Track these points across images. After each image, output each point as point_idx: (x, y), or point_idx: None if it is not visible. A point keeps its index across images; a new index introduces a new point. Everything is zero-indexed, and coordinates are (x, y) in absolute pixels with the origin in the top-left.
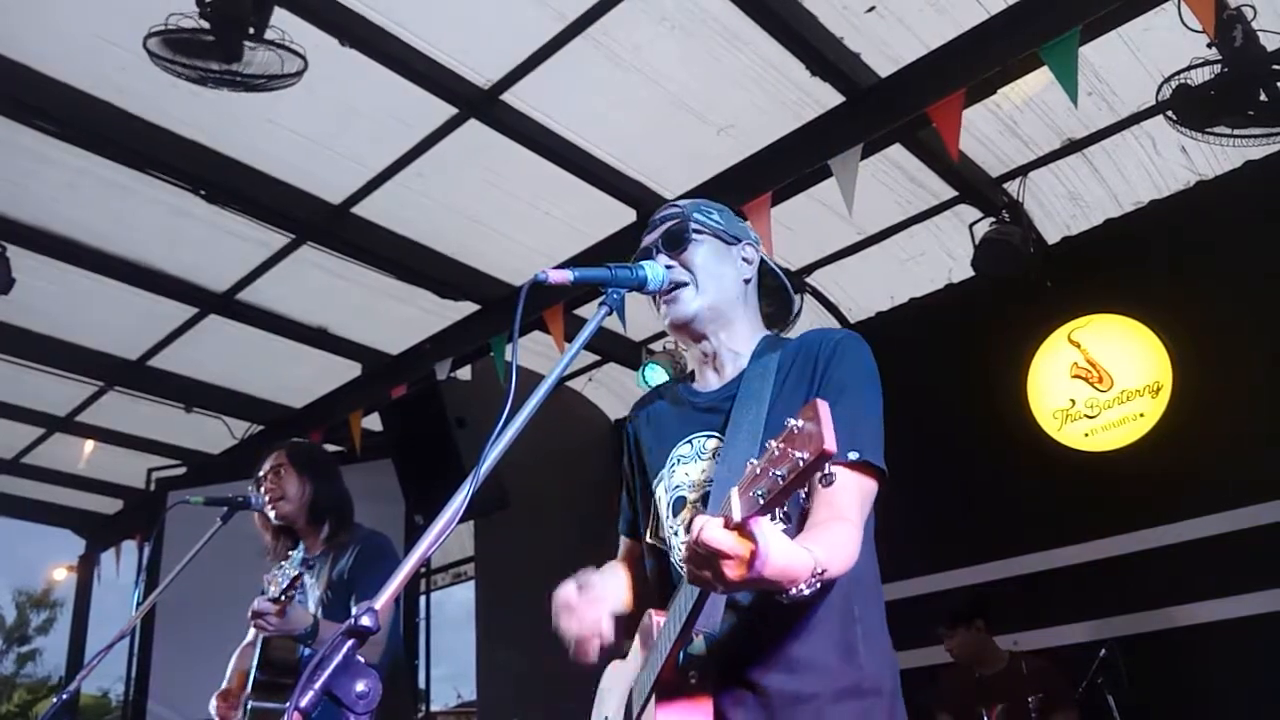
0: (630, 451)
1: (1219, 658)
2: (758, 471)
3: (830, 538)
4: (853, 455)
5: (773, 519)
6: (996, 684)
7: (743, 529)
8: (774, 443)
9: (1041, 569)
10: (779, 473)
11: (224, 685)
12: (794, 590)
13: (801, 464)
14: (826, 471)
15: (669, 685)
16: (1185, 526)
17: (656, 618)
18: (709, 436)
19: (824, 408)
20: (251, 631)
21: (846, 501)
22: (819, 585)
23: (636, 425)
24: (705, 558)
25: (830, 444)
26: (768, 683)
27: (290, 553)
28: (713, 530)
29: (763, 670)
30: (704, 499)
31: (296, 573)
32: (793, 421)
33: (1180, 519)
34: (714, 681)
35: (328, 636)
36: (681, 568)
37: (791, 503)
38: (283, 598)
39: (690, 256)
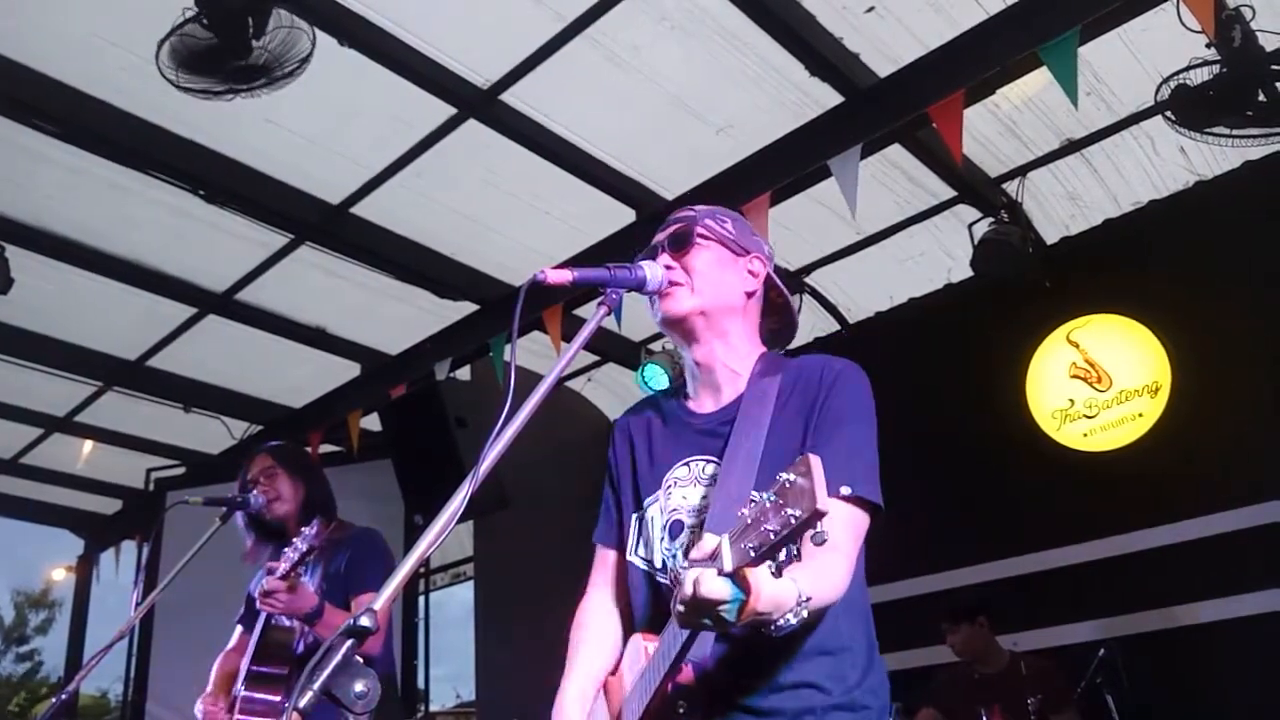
0: (617, 463)
1: (1218, 658)
2: (749, 522)
3: (817, 567)
4: (845, 490)
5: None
6: (996, 684)
7: (734, 576)
8: (765, 495)
9: (1040, 569)
10: (770, 528)
11: (209, 689)
12: (781, 621)
13: (794, 522)
14: (818, 529)
15: (657, 715)
16: (1184, 526)
17: (645, 643)
18: (707, 461)
19: (816, 464)
20: (235, 636)
21: (838, 532)
22: (805, 614)
23: (629, 437)
24: (702, 608)
25: (823, 504)
26: (764, 704)
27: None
28: (710, 584)
29: (756, 694)
30: (702, 525)
31: (307, 547)
32: (784, 476)
33: (1179, 519)
34: (704, 710)
35: (332, 622)
36: (673, 592)
37: None
38: (291, 574)
39: (692, 259)
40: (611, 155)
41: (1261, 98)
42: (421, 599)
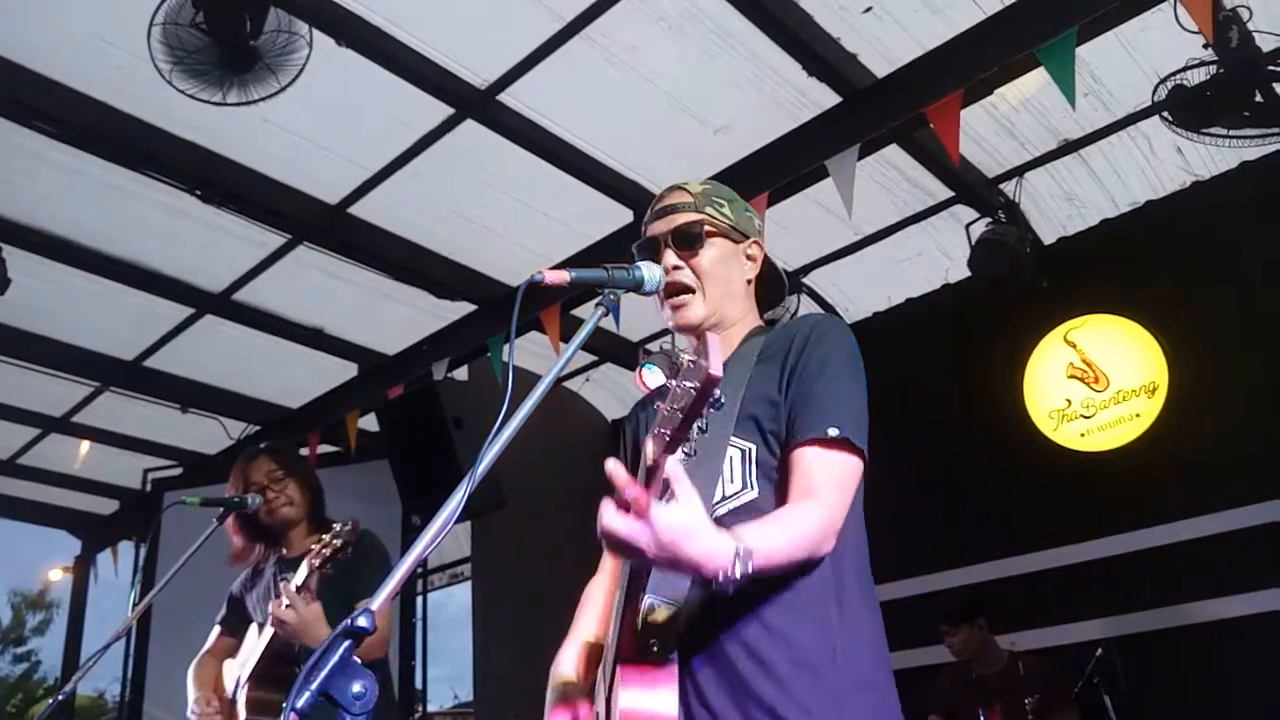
0: (626, 450)
1: (1215, 657)
2: (664, 413)
3: (776, 524)
4: (832, 432)
5: (686, 454)
6: (994, 684)
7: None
8: (672, 381)
9: (1036, 569)
10: (677, 407)
11: (195, 696)
12: (721, 577)
13: (693, 393)
14: (716, 397)
15: (629, 652)
16: (1180, 527)
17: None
18: None
19: (713, 340)
20: (212, 637)
21: (821, 479)
22: (750, 568)
23: (635, 424)
24: (609, 540)
25: (715, 370)
26: (735, 653)
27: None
28: (609, 518)
29: (732, 641)
30: None
31: (338, 545)
32: (686, 357)
33: (1175, 519)
34: (677, 649)
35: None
36: None
37: (759, 475)
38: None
39: (700, 260)
40: (609, 155)
41: (1258, 98)
42: (419, 599)
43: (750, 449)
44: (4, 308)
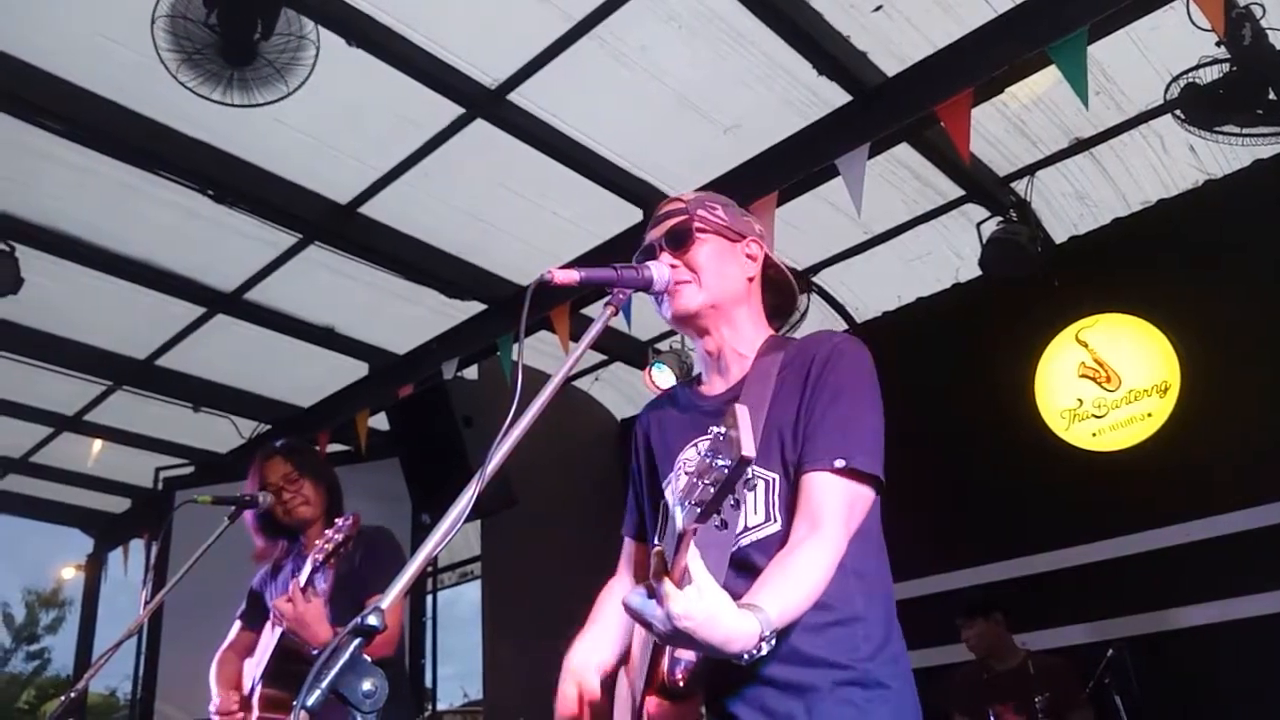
0: (638, 453)
1: (1227, 658)
2: (693, 482)
3: (791, 580)
4: (839, 463)
5: (717, 525)
6: (1006, 682)
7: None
8: (704, 452)
9: (1048, 569)
10: (707, 483)
11: (217, 695)
12: (746, 657)
13: (725, 473)
14: (749, 476)
15: (660, 687)
16: (1193, 526)
17: None
18: None
19: (743, 412)
20: (234, 632)
21: (830, 510)
22: (774, 641)
23: (646, 428)
24: (639, 623)
25: (749, 451)
26: (766, 673)
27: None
28: (631, 598)
29: (761, 664)
30: None
31: (341, 538)
32: (716, 429)
33: (1188, 519)
34: (707, 680)
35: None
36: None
37: (782, 507)
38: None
39: (694, 256)
40: (619, 155)
41: (1272, 96)
42: (429, 598)
43: (774, 479)
44: (16, 307)
